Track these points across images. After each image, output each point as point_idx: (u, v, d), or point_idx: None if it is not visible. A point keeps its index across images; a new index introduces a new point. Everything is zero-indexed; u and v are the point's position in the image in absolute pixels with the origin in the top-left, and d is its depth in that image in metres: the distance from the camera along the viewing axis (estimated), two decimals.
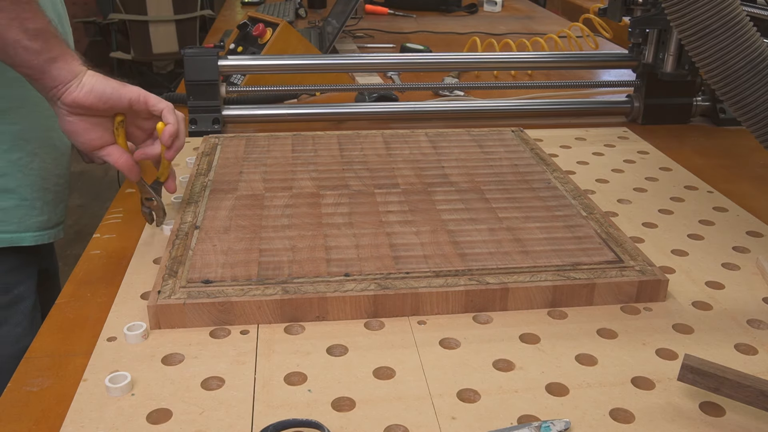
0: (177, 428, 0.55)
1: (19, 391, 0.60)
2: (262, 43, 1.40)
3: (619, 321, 0.70)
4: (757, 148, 1.14)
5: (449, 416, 0.57)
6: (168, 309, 0.67)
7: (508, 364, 0.63)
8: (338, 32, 1.62)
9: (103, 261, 0.81)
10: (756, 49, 0.65)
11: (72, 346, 0.66)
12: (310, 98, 1.42)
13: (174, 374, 0.61)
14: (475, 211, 0.85)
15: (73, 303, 0.73)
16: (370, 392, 0.59)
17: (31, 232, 0.89)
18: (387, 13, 2.35)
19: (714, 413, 0.58)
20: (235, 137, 1.09)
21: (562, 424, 0.55)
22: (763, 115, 0.67)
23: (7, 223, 0.86)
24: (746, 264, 0.81)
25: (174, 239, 0.78)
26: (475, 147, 1.06)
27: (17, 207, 0.87)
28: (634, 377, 0.62)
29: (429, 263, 0.73)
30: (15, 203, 0.86)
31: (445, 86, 1.37)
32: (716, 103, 1.30)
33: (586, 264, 0.74)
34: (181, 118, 0.79)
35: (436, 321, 0.69)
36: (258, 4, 2.42)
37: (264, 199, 0.88)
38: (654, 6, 1.23)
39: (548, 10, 2.69)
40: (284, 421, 0.55)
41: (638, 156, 1.12)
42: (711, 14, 0.64)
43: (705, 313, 0.71)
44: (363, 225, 0.82)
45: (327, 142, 1.07)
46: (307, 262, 0.74)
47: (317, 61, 1.28)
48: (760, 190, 1.02)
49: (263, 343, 0.65)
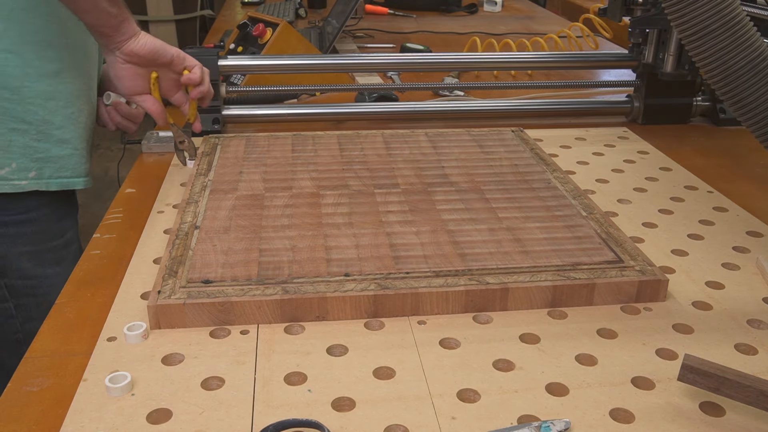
0: (177, 428, 0.55)
1: (19, 391, 0.60)
2: (262, 43, 1.40)
3: (619, 321, 0.70)
4: (757, 148, 1.14)
5: (449, 416, 0.57)
6: (168, 309, 0.67)
7: (508, 364, 0.63)
8: (338, 32, 1.62)
9: (103, 261, 0.81)
10: (756, 49, 0.65)
11: (72, 346, 0.66)
12: (310, 98, 1.42)
13: (174, 374, 0.61)
14: (475, 211, 0.85)
15: (73, 303, 0.73)
16: (370, 392, 0.59)
17: (81, 177, 1.01)
18: (387, 13, 2.35)
19: (714, 413, 0.58)
20: (235, 137, 1.09)
21: (562, 424, 0.55)
22: (763, 115, 0.67)
23: (65, 169, 0.99)
24: (746, 264, 0.81)
25: (174, 239, 0.78)
26: (475, 147, 1.06)
27: (71, 155, 0.99)
28: (634, 377, 0.62)
29: (429, 263, 0.73)
30: (69, 152, 0.99)
31: (445, 86, 1.37)
32: (716, 103, 1.30)
33: (586, 264, 0.74)
34: (206, 72, 1.00)
35: (436, 321, 0.69)
36: (258, 4, 2.42)
37: (264, 199, 0.88)
38: (654, 6, 1.23)
39: (548, 10, 2.69)
40: (284, 421, 0.55)
41: (638, 156, 1.12)
42: (711, 14, 0.64)
43: (705, 313, 0.71)
44: (363, 225, 0.82)
45: (327, 142, 1.07)
46: (307, 262, 0.74)
47: (317, 61, 1.28)
48: (760, 190, 1.02)
49: (263, 343, 0.65)
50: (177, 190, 0.97)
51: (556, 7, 2.85)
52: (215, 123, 1.19)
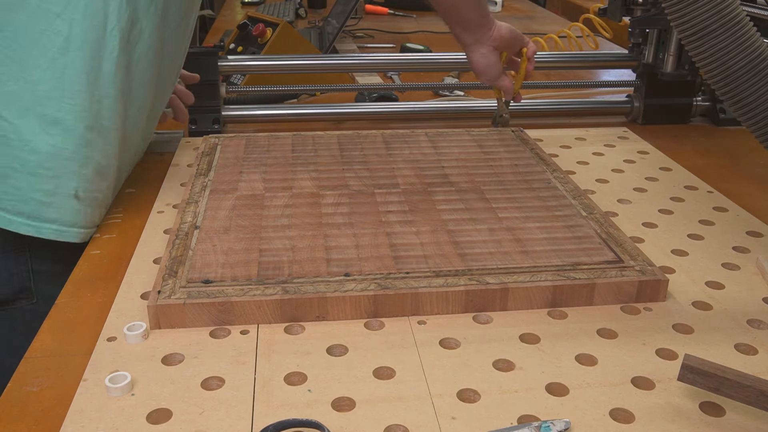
0: (177, 428, 0.55)
1: (19, 391, 0.60)
2: (262, 43, 1.40)
3: (619, 321, 0.70)
4: (757, 148, 1.13)
5: (449, 416, 0.57)
6: (168, 309, 0.67)
7: (508, 364, 0.63)
8: (338, 32, 1.62)
9: (103, 261, 0.81)
10: (756, 49, 0.65)
11: (72, 346, 0.66)
12: (310, 98, 1.42)
13: (174, 374, 0.61)
14: (475, 211, 0.85)
15: (73, 303, 0.73)
16: (370, 392, 0.59)
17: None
18: (387, 13, 2.35)
19: (714, 413, 0.58)
20: (235, 137, 1.09)
21: (562, 424, 0.55)
22: (763, 115, 0.67)
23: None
24: (746, 264, 0.81)
25: (174, 239, 0.78)
26: (475, 147, 1.06)
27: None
28: (634, 377, 0.62)
29: (429, 263, 0.73)
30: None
31: (445, 86, 1.37)
32: (716, 103, 1.30)
33: (586, 264, 0.74)
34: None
35: (436, 321, 0.69)
36: (258, 4, 2.42)
37: (264, 199, 0.88)
38: (654, 6, 1.23)
39: (548, 10, 2.69)
40: (284, 421, 0.55)
41: (638, 156, 1.12)
42: (711, 14, 0.64)
43: (705, 313, 0.71)
44: (363, 225, 0.82)
45: (327, 142, 1.07)
46: (307, 262, 0.74)
47: (317, 61, 1.28)
48: (760, 190, 1.02)
49: (263, 343, 0.65)
50: (177, 190, 0.97)
51: (556, 7, 2.85)
52: (215, 123, 1.19)
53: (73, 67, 0.79)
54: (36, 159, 0.80)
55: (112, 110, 0.84)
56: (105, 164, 0.86)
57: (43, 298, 0.88)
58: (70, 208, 0.83)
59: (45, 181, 0.81)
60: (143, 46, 0.85)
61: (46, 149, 0.80)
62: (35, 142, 0.80)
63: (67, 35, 0.79)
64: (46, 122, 0.80)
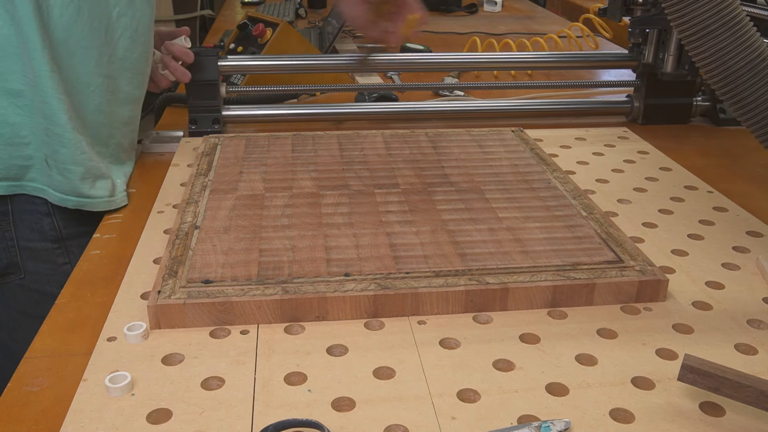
0: (177, 428, 0.55)
1: (19, 391, 0.60)
2: (262, 43, 1.40)
3: (619, 321, 0.70)
4: (757, 148, 1.14)
5: (449, 416, 0.57)
6: (168, 309, 0.67)
7: (508, 364, 0.63)
8: (338, 32, 1.62)
9: (103, 261, 0.81)
10: (756, 49, 0.65)
11: (72, 346, 0.66)
12: (310, 98, 1.42)
13: (174, 374, 0.61)
14: (475, 211, 0.85)
15: (73, 303, 0.73)
16: (370, 392, 0.59)
17: None
18: None
19: (714, 413, 0.58)
20: (235, 137, 1.09)
21: (562, 424, 0.55)
22: (763, 115, 0.67)
23: None
24: (746, 264, 0.81)
25: (174, 239, 0.78)
26: (475, 147, 1.06)
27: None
28: (634, 377, 0.62)
29: (429, 263, 0.73)
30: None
31: (445, 86, 1.37)
32: (716, 103, 1.30)
33: (586, 264, 0.74)
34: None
35: (436, 321, 0.69)
36: (258, 4, 2.42)
37: (264, 199, 0.88)
38: (654, 6, 1.23)
39: (548, 10, 2.69)
40: (284, 421, 0.55)
41: (638, 156, 1.12)
42: (711, 14, 0.64)
43: (705, 313, 0.71)
44: (363, 225, 0.82)
45: (327, 142, 1.07)
46: (307, 262, 0.74)
47: (317, 61, 1.28)
48: (760, 190, 1.02)
49: (263, 343, 0.65)
50: (177, 190, 0.97)
51: (556, 7, 2.85)
52: (215, 123, 1.19)
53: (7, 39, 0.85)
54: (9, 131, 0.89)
55: (50, 80, 0.87)
56: (59, 133, 0.89)
57: (30, 275, 0.97)
58: (45, 173, 0.91)
59: (22, 148, 0.90)
60: (58, 6, 0.85)
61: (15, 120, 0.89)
62: (6, 115, 0.88)
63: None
64: (12, 95, 0.87)
